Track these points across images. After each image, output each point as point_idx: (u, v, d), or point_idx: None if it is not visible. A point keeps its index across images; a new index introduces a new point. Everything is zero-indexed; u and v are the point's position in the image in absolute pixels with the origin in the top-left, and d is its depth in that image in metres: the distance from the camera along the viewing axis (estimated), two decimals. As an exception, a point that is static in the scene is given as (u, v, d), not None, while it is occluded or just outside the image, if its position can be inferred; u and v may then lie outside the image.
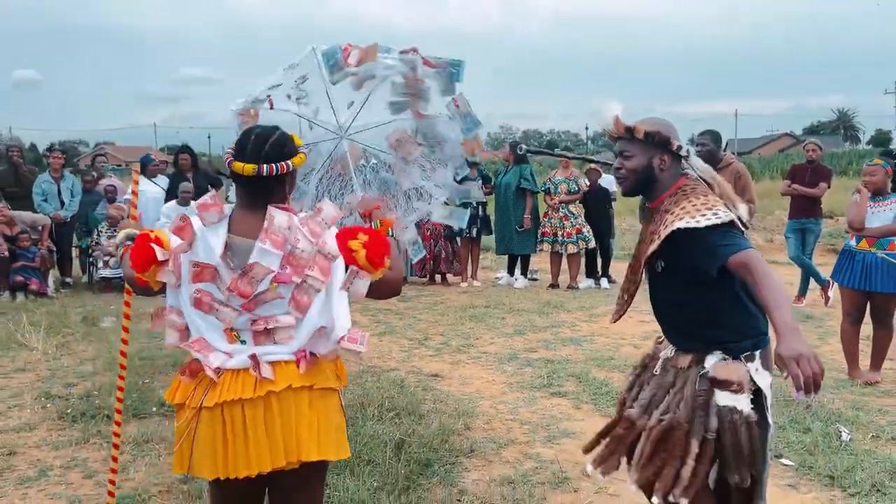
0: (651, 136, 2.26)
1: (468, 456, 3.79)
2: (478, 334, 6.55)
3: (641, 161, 2.31)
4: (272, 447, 1.94)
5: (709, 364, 2.24)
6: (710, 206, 2.15)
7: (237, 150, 2.01)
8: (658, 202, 2.33)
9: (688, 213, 2.14)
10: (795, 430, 4.01)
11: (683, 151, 2.30)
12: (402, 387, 4.84)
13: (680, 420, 2.22)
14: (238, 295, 1.93)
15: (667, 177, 2.32)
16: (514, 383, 5.09)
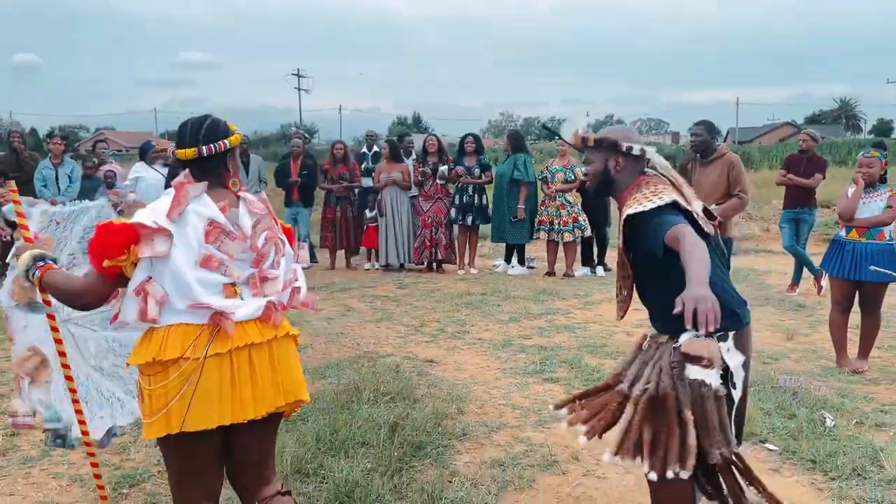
0: (599, 142, 2.52)
1: (460, 439, 3.89)
2: (473, 321, 6.64)
3: (599, 165, 2.56)
4: (275, 389, 2.17)
5: (682, 339, 2.31)
6: (656, 193, 2.37)
7: (178, 140, 2.21)
8: (622, 199, 2.53)
9: (637, 202, 2.37)
10: (781, 416, 4.10)
11: (636, 151, 2.49)
12: (397, 372, 4.93)
13: (667, 391, 2.29)
14: (252, 249, 2.20)
15: (624, 176, 2.53)
16: (507, 369, 5.18)
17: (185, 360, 2.05)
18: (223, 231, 2.14)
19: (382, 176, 9.42)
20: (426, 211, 9.38)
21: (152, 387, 2.06)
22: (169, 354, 2.05)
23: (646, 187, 2.44)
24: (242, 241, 2.18)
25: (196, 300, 2.09)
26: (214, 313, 2.10)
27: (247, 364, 2.12)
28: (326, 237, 9.76)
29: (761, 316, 6.90)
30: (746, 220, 13.83)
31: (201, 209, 2.12)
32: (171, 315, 2.09)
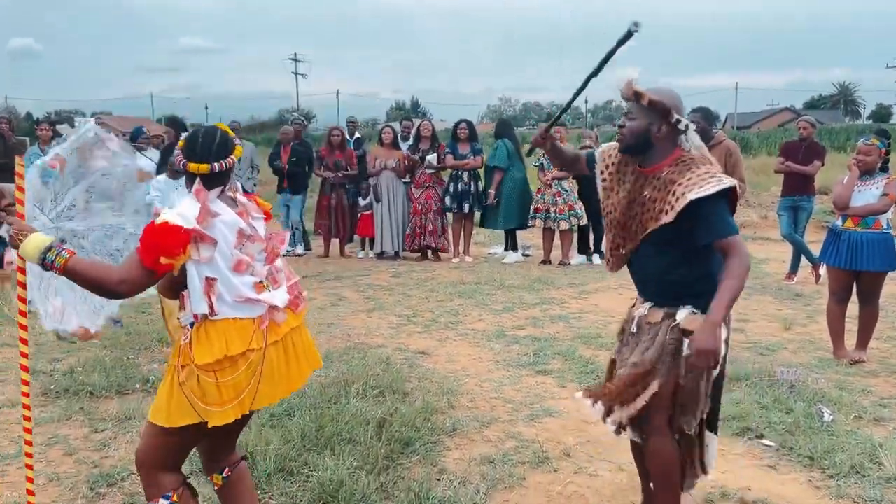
0: (654, 103, 2.44)
1: (450, 435, 3.80)
2: (466, 311, 6.55)
3: (641, 125, 2.49)
4: (307, 363, 2.53)
5: (680, 317, 2.49)
6: (712, 174, 2.37)
7: (189, 153, 2.37)
8: (655, 168, 2.49)
9: (695, 185, 2.34)
10: (778, 411, 4.02)
11: (682, 125, 2.46)
12: (387, 364, 4.84)
13: (646, 361, 2.50)
14: (266, 251, 2.46)
15: (662, 146, 2.49)
16: (500, 361, 5.09)
17: (251, 352, 2.31)
18: (245, 235, 2.39)
19: (378, 162, 9.30)
20: (417, 198, 9.26)
21: (222, 380, 2.29)
22: (236, 349, 2.30)
23: (695, 166, 2.41)
24: (260, 243, 2.44)
25: (246, 297, 2.35)
26: (270, 307, 2.38)
27: (291, 346, 2.44)
28: (321, 225, 9.64)
29: (758, 306, 6.82)
30: (744, 206, 13.73)
31: (224, 217, 2.34)
32: (226, 309, 2.33)
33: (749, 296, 7.26)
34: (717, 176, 2.37)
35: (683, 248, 2.47)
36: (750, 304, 6.84)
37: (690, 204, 2.34)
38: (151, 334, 5.56)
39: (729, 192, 2.37)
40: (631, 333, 2.67)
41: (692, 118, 5.48)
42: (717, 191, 2.33)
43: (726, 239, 2.35)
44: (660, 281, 2.58)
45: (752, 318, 6.33)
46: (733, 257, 2.33)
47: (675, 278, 2.52)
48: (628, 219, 2.57)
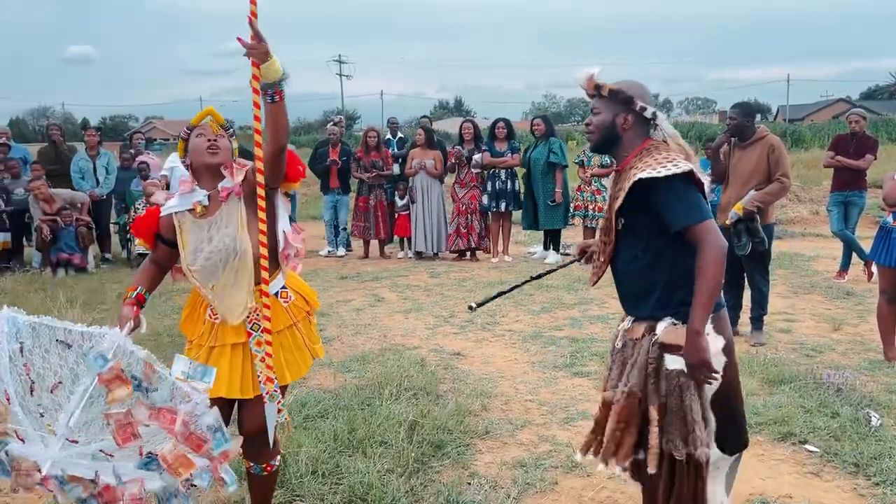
0: (615, 93, 2.32)
1: (483, 437, 3.77)
2: (504, 311, 6.50)
3: (606, 118, 2.36)
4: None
5: (659, 330, 2.30)
6: (670, 160, 2.21)
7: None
8: (625, 163, 2.35)
9: (649, 166, 2.21)
10: (823, 415, 3.88)
11: (648, 113, 2.33)
12: (422, 366, 4.83)
13: (633, 388, 2.29)
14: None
15: (630, 137, 2.35)
16: (536, 363, 5.04)
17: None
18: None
19: (414, 162, 9.31)
20: (461, 198, 9.24)
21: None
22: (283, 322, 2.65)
23: (656, 152, 2.27)
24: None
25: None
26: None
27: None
28: (359, 226, 9.70)
29: (806, 304, 6.62)
30: (794, 202, 13.36)
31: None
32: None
33: (797, 294, 7.05)
34: (675, 161, 2.20)
35: (654, 245, 2.30)
36: (798, 303, 6.65)
37: (645, 188, 2.19)
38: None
39: (688, 176, 2.19)
40: (616, 349, 2.47)
41: (731, 113, 5.37)
42: (671, 174, 2.14)
43: (696, 225, 2.16)
44: (635, 287, 2.39)
45: (800, 318, 6.14)
46: (702, 245, 2.14)
47: (649, 281, 2.33)
48: (607, 221, 2.43)
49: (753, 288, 5.47)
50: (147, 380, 2.16)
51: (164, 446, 2.23)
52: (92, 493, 2.22)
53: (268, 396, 2.52)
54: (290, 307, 2.62)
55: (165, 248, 2.58)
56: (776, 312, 6.06)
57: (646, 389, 2.28)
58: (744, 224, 5.17)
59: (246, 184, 2.49)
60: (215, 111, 2.59)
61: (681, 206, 2.18)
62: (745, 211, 5.13)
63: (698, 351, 2.14)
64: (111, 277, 8.36)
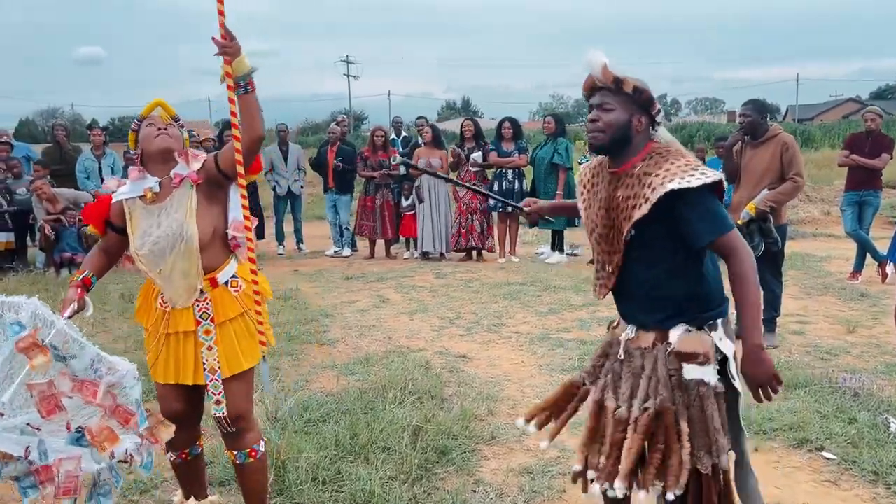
0: (640, 91, 2.13)
1: (488, 443, 3.67)
2: (511, 313, 6.39)
3: (622, 117, 2.15)
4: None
5: (673, 338, 2.16)
6: (694, 167, 2.06)
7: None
8: (627, 166, 2.18)
9: (675, 175, 2.03)
10: (840, 421, 3.76)
11: (659, 118, 2.18)
12: (427, 369, 4.74)
13: (667, 404, 2.13)
14: None
15: (639, 140, 2.19)
16: (543, 365, 4.93)
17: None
18: None
19: (420, 162, 9.22)
20: (462, 197, 9.14)
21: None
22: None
23: (673, 158, 2.09)
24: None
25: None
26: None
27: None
28: (365, 226, 9.61)
29: (819, 306, 6.48)
30: (805, 202, 13.20)
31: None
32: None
33: (809, 295, 6.92)
34: (700, 168, 2.05)
35: (670, 256, 2.15)
36: (811, 305, 6.52)
37: (672, 199, 2.01)
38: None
39: (716, 186, 2.06)
40: (619, 360, 2.27)
41: (743, 111, 5.25)
42: (703, 184, 2.00)
43: (725, 236, 2.04)
44: (647, 298, 2.22)
45: (813, 320, 6.01)
46: (736, 258, 2.04)
47: (664, 294, 2.18)
48: (608, 229, 2.23)
49: (766, 289, 5.34)
50: (65, 349, 2.18)
51: (93, 420, 2.23)
52: (25, 471, 2.17)
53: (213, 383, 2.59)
54: (240, 296, 2.63)
55: (115, 235, 2.64)
56: (789, 314, 5.94)
57: (676, 403, 2.14)
58: (756, 224, 5.04)
59: (203, 172, 2.54)
60: (165, 103, 2.67)
61: (710, 218, 2.05)
62: (758, 211, 5.01)
63: (765, 366, 2.03)
64: (113, 278, 8.26)
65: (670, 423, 2.11)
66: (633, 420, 2.15)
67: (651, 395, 2.15)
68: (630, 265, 2.23)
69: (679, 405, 2.13)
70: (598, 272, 2.37)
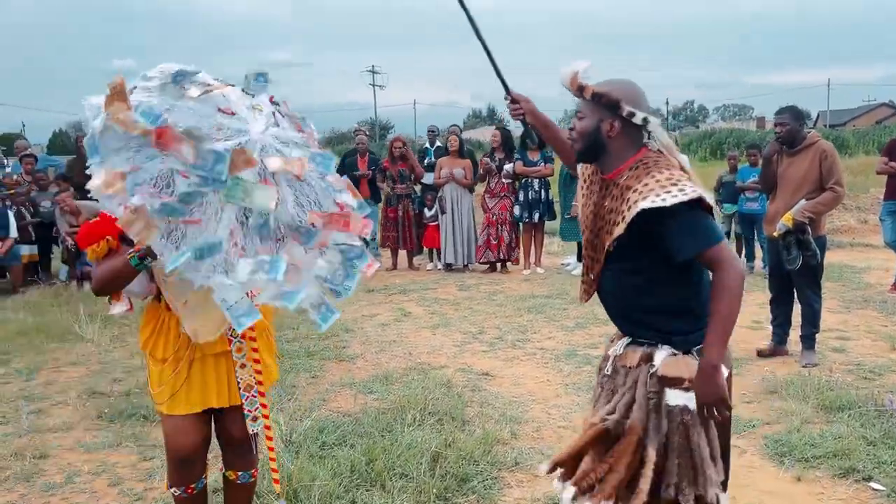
0: (598, 96, 2.05)
1: (511, 469, 3.48)
2: (536, 327, 6.20)
3: (590, 124, 2.10)
4: None
5: (657, 360, 2.06)
6: (674, 182, 1.94)
7: None
8: (615, 174, 2.09)
9: (651, 191, 1.94)
10: (888, 447, 3.52)
11: (637, 119, 2.02)
12: (448, 387, 4.56)
13: (635, 425, 2.03)
14: None
15: (618, 146, 2.08)
16: (570, 384, 4.73)
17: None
18: None
19: (443, 171, 9.07)
20: (491, 208, 8.97)
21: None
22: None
23: (656, 170, 1.99)
24: None
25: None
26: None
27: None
28: (388, 237, 9.48)
29: (860, 321, 6.19)
30: (841, 210, 12.79)
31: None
32: None
33: (849, 309, 6.63)
34: (679, 183, 1.93)
35: (653, 268, 2.06)
36: (851, 319, 6.23)
37: (648, 216, 1.92)
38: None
39: (697, 203, 1.93)
40: (605, 375, 2.20)
41: (779, 119, 5.01)
42: (677, 202, 1.89)
43: (711, 249, 1.92)
44: (631, 311, 2.16)
45: (854, 336, 5.73)
46: (721, 271, 1.91)
47: (647, 307, 2.10)
48: (595, 236, 2.17)
49: (804, 304, 5.10)
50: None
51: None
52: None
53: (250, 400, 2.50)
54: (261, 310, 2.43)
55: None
56: (828, 330, 5.67)
57: (647, 427, 2.03)
58: (794, 236, 4.81)
59: None
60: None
61: (688, 236, 1.94)
62: (796, 222, 4.77)
63: (716, 388, 1.91)
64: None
65: (630, 444, 2.01)
66: (589, 424, 2.10)
67: (618, 410, 2.07)
68: (610, 274, 2.16)
69: (650, 430, 2.02)
70: (584, 274, 2.31)
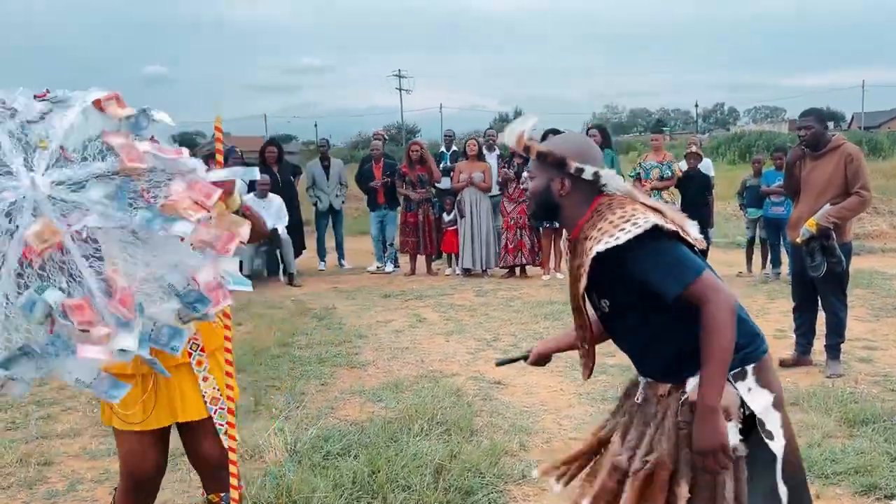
0: (543, 155, 1.95)
1: (518, 483, 3.39)
2: (551, 335, 6.08)
3: (540, 184, 2.01)
4: None
5: (689, 388, 1.91)
6: (626, 218, 1.83)
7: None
8: (576, 232, 1.98)
9: (605, 233, 1.83)
10: (916, 466, 3.36)
11: (587, 174, 1.91)
12: (458, 396, 4.48)
13: (663, 459, 1.89)
14: None
15: (572, 203, 1.98)
16: (583, 394, 4.62)
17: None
18: None
19: (462, 176, 9.01)
20: (510, 213, 8.88)
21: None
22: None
23: (608, 211, 1.88)
24: None
25: None
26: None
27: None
28: (407, 242, 9.43)
29: (890, 330, 5.99)
30: (872, 214, 12.49)
31: None
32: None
33: (878, 318, 6.42)
34: (632, 219, 1.81)
35: (654, 318, 1.93)
36: (879, 328, 6.03)
37: (606, 258, 1.81)
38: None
39: (654, 232, 1.80)
40: (636, 404, 2.06)
41: (802, 122, 4.85)
42: (631, 237, 1.77)
43: (693, 285, 1.79)
44: (650, 359, 2.04)
45: (882, 345, 5.54)
46: (707, 305, 1.78)
47: (663, 354, 1.98)
48: (574, 300, 2.05)
49: (829, 312, 4.93)
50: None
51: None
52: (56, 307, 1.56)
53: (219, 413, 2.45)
54: (218, 328, 2.44)
55: None
56: (854, 339, 5.48)
57: (677, 460, 1.89)
58: (818, 242, 4.65)
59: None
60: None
61: (661, 270, 1.82)
62: (820, 227, 4.61)
63: (715, 432, 1.78)
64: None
65: (662, 481, 1.87)
66: (633, 472, 1.93)
67: (655, 447, 1.93)
68: (622, 333, 2.07)
69: (682, 464, 1.87)
70: (580, 352, 2.22)
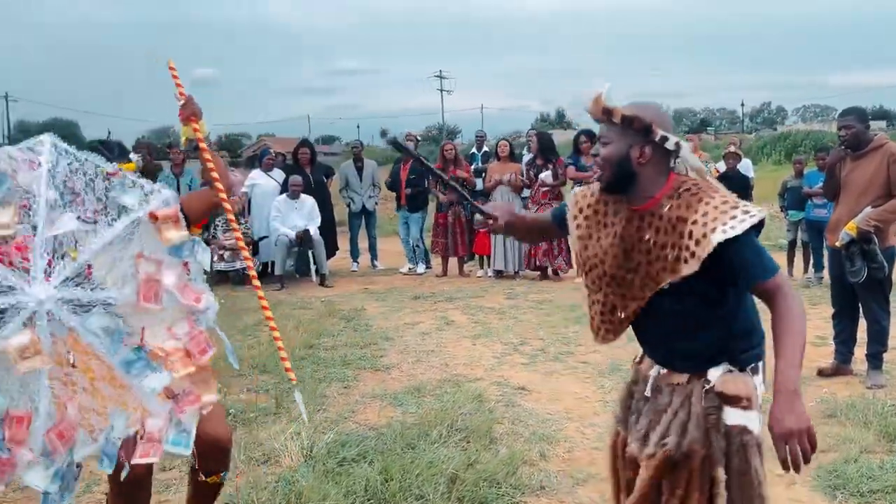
0: (629, 120, 1.88)
1: (536, 494, 3.29)
2: (580, 339, 5.94)
3: (618, 150, 1.91)
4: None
5: (713, 377, 1.93)
6: (733, 205, 1.81)
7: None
8: (650, 204, 1.92)
9: (717, 221, 1.78)
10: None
11: (670, 144, 1.88)
12: (480, 402, 4.39)
13: (695, 446, 1.88)
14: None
15: (650, 173, 1.91)
16: (609, 401, 4.47)
17: None
18: None
19: (493, 178, 8.91)
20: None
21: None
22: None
23: (706, 196, 1.84)
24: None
25: None
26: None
27: None
28: (438, 243, 9.38)
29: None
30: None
31: None
32: None
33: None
34: (740, 206, 1.80)
35: (706, 304, 1.91)
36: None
37: (721, 246, 1.77)
38: (250, 360, 5.43)
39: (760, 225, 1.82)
40: (644, 398, 2.05)
41: (843, 122, 4.64)
42: (748, 227, 1.77)
43: (770, 280, 1.81)
44: (682, 344, 1.99)
45: (929, 355, 5.26)
46: (783, 301, 1.78)
47: (698, 341, 1.95)
48: (627, 271, 1.98)
49: (870, 320, 4.71)
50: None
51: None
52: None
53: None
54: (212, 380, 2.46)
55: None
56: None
57: (710, 447, 1.89)
58: (858, 246, 4.44)
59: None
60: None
61: (756, 261, 1.82)
62: (860, 231, 4.40)
63: (800, 416, 1.71)
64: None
65: (696, 468, 1.87)
66: (646, 457, 1.93)
67: (672, 432, 1.91)
68: (661, 311, 1.97)
69: (715, 449, 1.88)
70: (602, 315, 2.11)
